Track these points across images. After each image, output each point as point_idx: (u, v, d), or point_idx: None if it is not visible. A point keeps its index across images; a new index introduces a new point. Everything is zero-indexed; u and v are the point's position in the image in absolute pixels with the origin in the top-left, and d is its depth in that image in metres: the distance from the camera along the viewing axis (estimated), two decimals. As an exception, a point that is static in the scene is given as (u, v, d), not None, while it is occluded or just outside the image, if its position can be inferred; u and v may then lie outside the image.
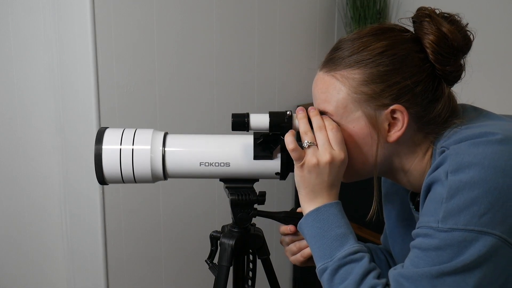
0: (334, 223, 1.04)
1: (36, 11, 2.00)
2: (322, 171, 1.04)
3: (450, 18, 1.04)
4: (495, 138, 0.95)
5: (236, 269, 1.27)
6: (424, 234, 0.95)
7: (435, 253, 0.92)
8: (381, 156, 1.06)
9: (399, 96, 1.02)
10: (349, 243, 1.02)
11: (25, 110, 2.09)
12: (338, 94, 1.05)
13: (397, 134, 1.04)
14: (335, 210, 1.05)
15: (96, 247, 2.08)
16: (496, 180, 0.91)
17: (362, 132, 1.05)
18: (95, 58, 1.90)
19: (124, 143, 1.12)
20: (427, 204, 0.97)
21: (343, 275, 1.00)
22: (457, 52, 1.03)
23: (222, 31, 2.18)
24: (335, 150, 1.05)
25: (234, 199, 1.17)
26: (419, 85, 1.02)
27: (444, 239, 0.92)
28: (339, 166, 1.05)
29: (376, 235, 2.23)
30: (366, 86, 1.03)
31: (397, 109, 1.02)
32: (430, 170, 0.99)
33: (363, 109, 1.04)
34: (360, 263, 1.00)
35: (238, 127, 1.09)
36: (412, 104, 1.02)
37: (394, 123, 1.04)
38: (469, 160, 0.93)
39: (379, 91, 1.02)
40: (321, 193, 1.05)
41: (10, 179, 2.14)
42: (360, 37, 1.06)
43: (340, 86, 1.04)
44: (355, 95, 1.03)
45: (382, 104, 1.03)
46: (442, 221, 0.92)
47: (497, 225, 0.90)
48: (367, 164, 1.07)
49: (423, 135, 1.06)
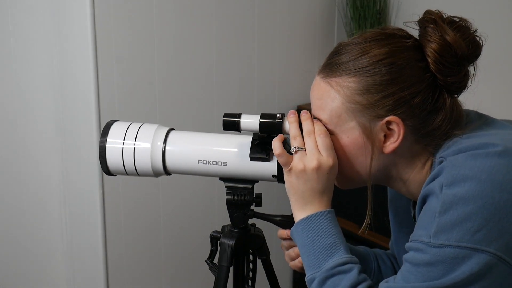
0: (324, 232, 1.01)
1: (36, 11, 2.00)
2: (309, 177, 1.02)
3: (457, 24, 0.99)
4: (494, 150, 0.91)
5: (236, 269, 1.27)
6: (416, 248, 0.92)
7: (426, 269, 0.90)
8: (376, 167, 1.03)
9: (395, 107, 0.98)
10: (338, 254, 0.99)
11: (26, 110, 2.09)
12: (333, 102, 1.01)
13: (393, 146, 1.00)
14: (326, 219, 1.02)
15: (96, 246, 2.08)
16: (492, 195, 0.88)
17: (356, 143, 1.01)
18: (95, 58, 1.90)
19: (128, 138, 1.15)
20: (421, 217, 0.95)
21: (330, 286, 0.98)
22: (462, 61, 0.98)
23: (222, 31, 2.18)
24: (323, 156, 1.02)
25: (229, 199, 1.18)
26: (417, 96, 0.98)
27: (436, 255, 0.89)
28: (327, 172, 1.02)
29: (376, 235, 2.23)
30: (361, 96, 0.99)
31: (392, 121, 0.98)
32: (427, 181, 0.96)
33: (357, 119, 1.00)
34: (348, 275, 0.97)
35: (229, 127, 1.09)
36: (408, 115, 0.98)
37: (390, 134, 1.00)
38: (465, 173, 0.89)
39: (374, 102, 0.98)
40: (311, 201, 1.03)
41: (11, 178, 2.13)
42: (359, 43, 1.02)
43: (335, 94, 1.01)
44: (350, 104, 1.00)
45: (377, 115, 0.99)
46: (434, 236, 0.89)
47: (492, 242, 0.87)
48: (362, 174, 1.04)
49: (421, 147, 1.02)
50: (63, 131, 2.10)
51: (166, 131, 1.16)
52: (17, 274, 2.23)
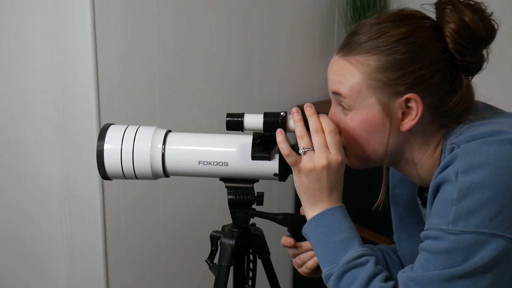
0: (338, 227, 1.02)
1: (36, 11, 2.00)
2: (319, 176, 1.02)
3: (474, 7, 1.00)
4: (507, 137, 0.93)
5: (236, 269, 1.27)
6: (434, 236, 0.93)
7: (445, 256, 0.91)
8: (392, 145, 1.03)
9: (414, 85, 0.99)
10: (354, 247, 1.00)
11: (26, 110, 2.09)
12: (353, 78, 1.02)
13: (411, 124, 1.01)
14: (339, 214, 1.03)
15: (96, 245, 2.08)
16: (507, 181, 0.90)
17: (375, 119, 1.02)
18: (95, 58, 1.90)
19: (126, 141, 1.13)
20: (437, 205, 0.95)
21: (348, 280, 0.98)
22: (479, 42, 1.00)
23: (222, 31, 2.18)
24: (332, 154, 1.02)
25: (231, 199, 1.17)
26: (436, 74, 0.99)
27: (454, 242, 0.90)
28: (336, 170, 1.03)
29: (376, 235, 2.23)
30: (381, 73, 1.00)
31: (411, 98, 1.00)
32: (439, 169, 0.96)
33: (377, 96, 1.01)
34: (365, 267, 0.98)
35: (232, 127, 1.09)
36: (427, 93, 1.00)
37: (408, 112, 1.01)
38: (480, 160, 0.91)
39: (393, 79, 1.00)
40: (322, 198, 1.03)
41: (11, 177, 2.14)
42: (378, 23, 1.03)
43: (355, 71, 1.02)
44: (370, 81, 1.01)
45: (396, 92, 1.00)
46: (453, 224, 0.90)
47: (509, 227, 0.89)
48: (378, 152, 1.05)
49: (436, 127, 1.03)
50: (63, 131, 2.10)
51: (165, 133, 1.15)
52: (17, 274, 2.23)
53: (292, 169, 1.05)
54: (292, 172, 1.08)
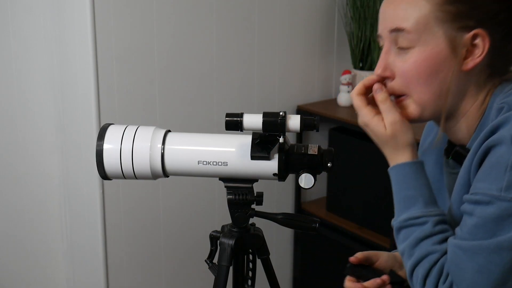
0: (405, 183, 1.01)
1: (36, 11, 2.00)
2: (402, 128, 1.02)
3: None
4: None
5: (236, 269, 1.27)
6: (485, 201, 0.90)
7: (495, 223, 0.89)
8: (453, 87, 1.00)
9: (483, 20, 0.97)
10: (415, 207, 1.00)
11: (26, 110, 2.09)
12: (420, 10, 0.98)
13: (475, 61, 0.98)
14: (410, 169, 1.02)
15: (96, 245, 2.08)
16: None
17: (439, 56, 0.99)
18: (95, 58, 1.90)
19: (125, 140, 1.13)
20: (487, 169, 0.92)
21: (404, 235, 1.00)
22: None
23: (222, 31, 2.18)
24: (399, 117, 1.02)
25: (231, 199, 1.17)
26: (504, 12, 0.97)
27: (506, 209, 0.88)
28: (408, 126, 1.02)
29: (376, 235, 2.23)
30: (452, 4, 0.97)
31: (479, 34, 0.97)
32: (489, 129, 0.93)
33: (445, 29, 0.98)
34: (422, 227, 0.98)
35: (232, 127, 1.09)
36: (493, 31, 0.97)
37: (472, 50, 0.98)
38: None
39: (464, 11, 0.97)
40: (401, 151, 1.02)
41: (11, 177, 2.14)
42: None
43: (424, 2, 0.98)
44: (439, 13, 0.97)
45: (465, 26, 0.97)
46: (506, 190, 0.88)
47: None
48: (439, 95, 1.01)
49: (488, 75, 1.01)
50: (63, 131, 2.10)
51: (164, 133, 1.15)
52: (17, 274, 2.23)
53: (369, 124, 1.04)
54: (290, 172, 1.08)
